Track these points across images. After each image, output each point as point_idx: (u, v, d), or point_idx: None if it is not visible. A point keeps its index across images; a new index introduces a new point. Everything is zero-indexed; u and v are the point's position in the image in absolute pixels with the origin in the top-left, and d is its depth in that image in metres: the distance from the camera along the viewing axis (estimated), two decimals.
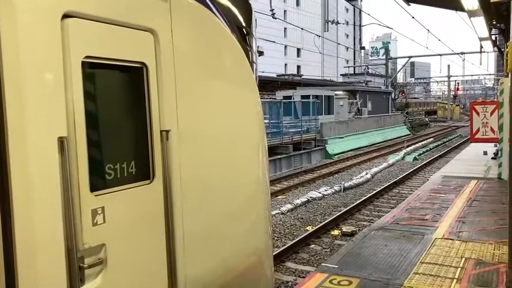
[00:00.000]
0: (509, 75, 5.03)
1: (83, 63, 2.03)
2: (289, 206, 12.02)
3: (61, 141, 1.92)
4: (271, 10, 24.25)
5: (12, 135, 1.79)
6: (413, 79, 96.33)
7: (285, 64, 65.33)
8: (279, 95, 29.64)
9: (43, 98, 1.87)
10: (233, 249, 3.08)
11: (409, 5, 14.98)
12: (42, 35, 1.87)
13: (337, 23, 43.59)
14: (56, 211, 1.91)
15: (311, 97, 27.42)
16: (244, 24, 3.47)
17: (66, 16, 1.96)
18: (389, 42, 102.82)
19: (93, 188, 2.07)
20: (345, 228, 10.06)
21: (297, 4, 68.24)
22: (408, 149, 25.61)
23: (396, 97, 52.30)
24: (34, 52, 1.84)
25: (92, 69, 2.10)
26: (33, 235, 1.85)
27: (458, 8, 12.20)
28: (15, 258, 1.81)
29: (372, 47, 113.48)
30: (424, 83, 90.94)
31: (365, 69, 59.54)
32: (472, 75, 78.12)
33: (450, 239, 6.73)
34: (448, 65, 67.25)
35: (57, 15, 1.93)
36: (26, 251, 1.83)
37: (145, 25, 2.34)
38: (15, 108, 1.80)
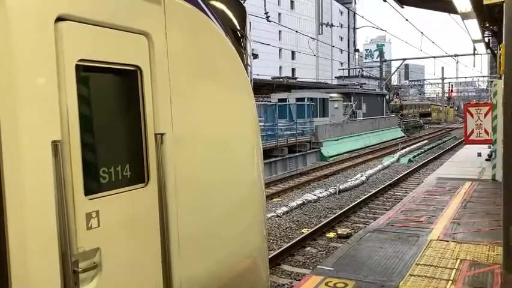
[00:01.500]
0: (503, 77, 5.06)
1: (77, 66, 2.02)
2: (284, 209, 12.00)
3: (55, 144, 1.91)
4: (266, 13, 24.30)
5: (5, 139, 1.78)
6: (407, 81, 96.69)
7: (280, 67, 65.34)
8: (274, 97, 29.76)
9: (36, 101, 1.86)
10: (228, 252, 3.07)
11: (403, 7, 15.09)
12: (36, 38, 1.86)
13: (332, 25, 43.70)
14: (50, 215, 1.90)
15: (306, 100, 27.48)
16: (238, 27, 3.47)
17: (59, 19, 1.95)
18: (383, 45, 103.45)
19: (88, 191, 2.06)
20: (340, 231, 10.06)
21: (292, 7, 68.37)
22: (403, 151, 25.69)
23: (391, 99, 52.47)
24: (27, 55, 1.83)
25: (85, 72, 2.09)
26: (27, 239, 1.83)
27: (452, 10, 12.29)
28: (8, 262, 1.80)
29: (367, 50, 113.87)
30: (419, 85, 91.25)
31: (359, 71, 59.71)
32: (465, 77, 78.26)
33: (445, 241, 6.75)
34: (442, 67, 67.91)
35: (51, 18, 1.92)
36: (20, 255, 1.82)
37: (139, 28, 2.34)
38: (9, 112, 1.79)
